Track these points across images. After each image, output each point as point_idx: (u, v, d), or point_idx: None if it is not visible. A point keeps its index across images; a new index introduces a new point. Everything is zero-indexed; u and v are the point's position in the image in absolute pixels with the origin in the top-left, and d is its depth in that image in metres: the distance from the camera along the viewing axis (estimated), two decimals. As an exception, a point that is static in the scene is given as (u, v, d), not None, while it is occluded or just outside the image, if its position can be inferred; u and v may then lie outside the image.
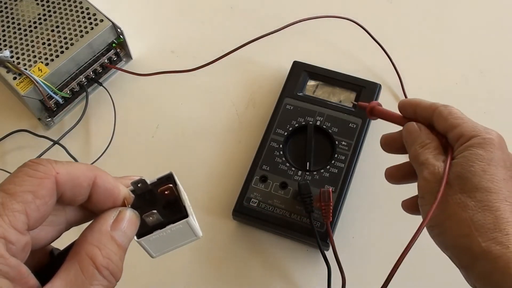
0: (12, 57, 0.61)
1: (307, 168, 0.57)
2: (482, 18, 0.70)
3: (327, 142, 0.59)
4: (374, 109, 0.46)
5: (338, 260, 0.53)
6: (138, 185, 0.33)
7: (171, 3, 0.74)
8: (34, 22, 0.64)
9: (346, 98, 0.62)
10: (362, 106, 0.47)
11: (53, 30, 0.63)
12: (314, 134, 0.59)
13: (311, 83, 0.63)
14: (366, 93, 0.61)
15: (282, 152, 0.58)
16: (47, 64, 0.61)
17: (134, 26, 0.69)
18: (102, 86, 0.66)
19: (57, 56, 0.61)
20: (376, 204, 0.58)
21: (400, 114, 0.44)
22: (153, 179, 0.34)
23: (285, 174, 0.57)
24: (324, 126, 0.59)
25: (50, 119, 0.65)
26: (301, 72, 0.63)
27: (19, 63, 0.61)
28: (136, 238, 0.33)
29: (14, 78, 0.60)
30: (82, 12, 0.64)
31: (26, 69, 0.60)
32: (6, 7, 0.65)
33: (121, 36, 0.65)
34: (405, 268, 0.38)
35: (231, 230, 0.58)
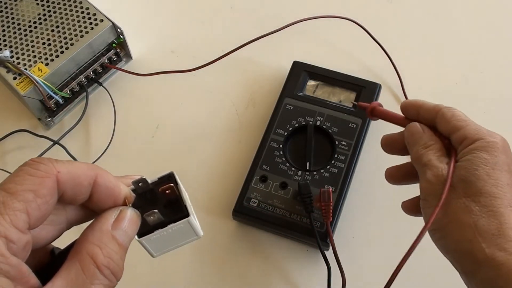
0: (12, 57, 0.61)
1: (307, 168, 0.57)
2: (482, 18, 0.70)
3: (327, 142, 0.59)
4: (375, 109, 0.46)
5: (338, 260, 0.53)
6: (139, 184, 0.33)
7: (171, 3, 0.74)
8: (34, 22, 0.64)
9: (346, 98, 0.62)
10: (362, 106, 0.47)
11: (53, 30, 0.63)
12: (314, 134, 0.59)
13: (311, 83, 0.63)
14: (366, 93, 0.61)
15: (282, 152, 0.58)
16: (47, 64, 0.61)
17: (134, 26, 0.69)
18: (102, 86, 0.66)
19: (57, 56, 0.61)
20: (376, 204, 0.58)
21: (401, 115, 0.44)
22: (154, 178, 0.34)
23: (285, 174, 0.57)
24: (324, 126, 0.59)
25: (50, 119, 0.65)
26: (301, 72, 0.63)
27: (19, 63, 0.61)
28: (137, 237, 0.33)
29: (14, 78, 0.60)
30: (82, 12, 0.64)
31: (26, 69, 0.60)
32: (6, 7, 0.65)
33: (121, 36, 0.65)
34: (405, 269, 0.38)
35: (231, 230, 0.58)
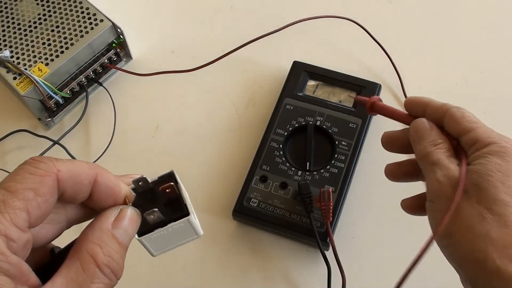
0: (12, 57, 0.61)
1: (307, 168, 0.57)
2: (482, 18, 0.70)
3: (327, 142, 0.59)
4: (375, 104, 0.43)
5: (338, 260, 0.53)
6: (139, 183, 0.33)
7: (171, 3, 0.74)
8: (34, 22, 0.64)
9: (346, 98, 0.62)
10: (361, 100, 0.45)
11: (53, 30, 0.63)
12: (314, 134, 0.59)
13: (311, 83, 0.63)
14: (366, 93, 0.61)
15: (282, 152, 0.58)
16: (47, 64, 0.61)
17: (134, 26, 0.69)
18: (102, 86, 0.66)
19: (57, 56, 0.61)
20: (376, 204, 0.58)
21: (403, 112, 0.42)
22: (154, 178, 0.34)
23: (285, 174, 0.57)
24: (324, 126, 0.59)
25: (50, 119, 0.64)
26: (301, 72, 0.63)
27: (19, 63, 0.61)
28: (137, 236, 0.33)
29: (14, 78, 0.60)
30: (82, 12, 0.64)
31: (26, 69, 0.60)
32: (6, 7, 0.65)
33: (121, 36, 0.65)
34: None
35: (231, 230, 0.58)
